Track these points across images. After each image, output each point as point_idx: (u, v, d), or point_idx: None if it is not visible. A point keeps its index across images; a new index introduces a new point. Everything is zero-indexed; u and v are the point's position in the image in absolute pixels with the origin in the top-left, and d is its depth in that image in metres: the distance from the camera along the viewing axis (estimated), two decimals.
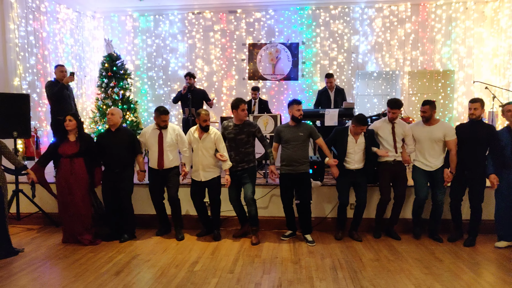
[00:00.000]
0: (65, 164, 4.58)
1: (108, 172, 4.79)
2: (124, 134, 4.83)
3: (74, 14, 8.31)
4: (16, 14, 6.66)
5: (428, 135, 4.64)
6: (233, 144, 4.71)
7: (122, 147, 4.73)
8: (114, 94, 7.85)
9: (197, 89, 7.24)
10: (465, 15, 8.24)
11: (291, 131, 4.65)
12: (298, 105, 4.66)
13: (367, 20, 8.56)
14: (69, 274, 3.80)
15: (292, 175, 4.64)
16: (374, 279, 3.66)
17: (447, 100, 8.54)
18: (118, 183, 4.72)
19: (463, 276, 3.73)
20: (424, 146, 4.68)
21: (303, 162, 4.63)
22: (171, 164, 4.85)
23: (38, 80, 7.20)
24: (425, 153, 4.69)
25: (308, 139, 4.70)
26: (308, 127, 4.69)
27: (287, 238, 4.89)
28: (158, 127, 4.85)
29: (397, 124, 4.75)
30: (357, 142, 4.66)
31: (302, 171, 4.64)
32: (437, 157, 4.66)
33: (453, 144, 4.57)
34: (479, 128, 4.52)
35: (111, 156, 4.72)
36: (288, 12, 8.71)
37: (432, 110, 4.62)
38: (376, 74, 9.06)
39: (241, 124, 4.69)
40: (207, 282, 3.61)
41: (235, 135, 4.67)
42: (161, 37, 9.06)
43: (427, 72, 8.56)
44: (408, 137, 4.77)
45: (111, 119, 4.75)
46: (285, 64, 8.79)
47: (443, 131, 4.59)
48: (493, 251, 4.42)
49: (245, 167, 4.69)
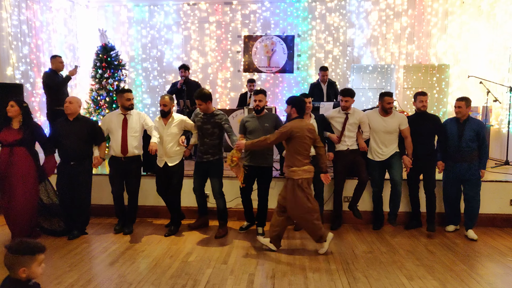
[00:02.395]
0: (4, 153, 4.22)
1: (63, 164, 4.51)
2: (83, 124, 4.53)
3: (67, 4, 8.21)
4: (8, 2, 6.57)
5: (384, 126, 4.75)
6: (200, 133, 4.64)
7: (79, 138, 4.45)
8: (108, 85, 7.79)
9: (192, 81, 7.22)
10: (461, 10, 8.25)
11: (256, 122, 4.59)
12: (256, 95, 4.60)
13: (363, 13, 8.54)
14: (64, 264, 3.80)
15: (253, 167, 4.56)
16: (367, 270, 3.70)
17: (442, 95, 8.58)
18: (74, 177, 4.47)
19: (455, 268, 3.78)
20: (380, 136, 4.79)
21: (267, 155, 4.58)
22: (135, 151, 4.67)
23: (32, 70, 7.13)
24: (379, 143, 4.79)
25: (274, 130, 4.48)
26: (273, 118, 4.64)
27: (244, 231, 4.86)
28: (123, 112, 4.69)
29: (351, 114, 4.78)
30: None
31: (264, 164, 4.58)
32: (390, 146, 4.78)
33: (407, 131, 4.73)
34: (426, 119, 4.75)
35: (67, 147, 4.44)
36: (284, 4, 8.67)
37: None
38: (371, 68, 9.06)
39: (209, 114, 4.59)
40: (201, 272, 3.63)
41: (202, 124, 4.59)
42: (156, 28, 8.99)
43: (422, 66, 8.58)
44: (364, 124, 4.82)
45: (68, 107, 4.44)
46: (281, 56, 8.76)
47: (398, 121, 4.74)
48: (484, 244, 4.48)
49: (210, 159, 4.59)
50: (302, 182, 3.94)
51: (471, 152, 4.55)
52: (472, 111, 7.45)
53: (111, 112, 4.95)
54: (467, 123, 4.57)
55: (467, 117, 4.60)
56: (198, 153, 4.69)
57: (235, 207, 5.15)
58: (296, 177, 3.94)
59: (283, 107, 4.80)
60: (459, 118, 4.62)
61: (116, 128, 4.65)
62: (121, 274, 3.57)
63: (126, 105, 4.65)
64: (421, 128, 4.71)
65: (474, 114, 7.45)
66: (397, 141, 4.79)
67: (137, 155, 4.75)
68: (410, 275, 3.58)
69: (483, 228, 5.04)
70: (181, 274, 3.58)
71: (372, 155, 4.86)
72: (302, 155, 3.96)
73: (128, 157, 4.66)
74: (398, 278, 3.52)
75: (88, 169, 4.61)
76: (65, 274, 3.57)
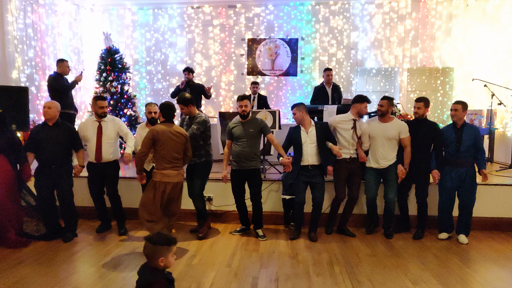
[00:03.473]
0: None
1: (43, 169, 4.45)
2: (62, 129, 4.50)
3: (72, 7, 8.26)
4: (14, 6, 6.62)
5: (383, 132, 4.67)
6: None
7: (59, 143, 4.43)
8: (112, 88, 7.82)
9: (195, 84, 7.24)
10: (465, 12, 8.23)
11: (242, 128, 4.61)
12: (241, 100, 4.57)
13: (367, 16, 8.54)
14: (68, 266, 3.81)
15: (241, 171, 4.61)
16: (371, 274, 3.68)
17: (446, 98, 8.55)
18: (56, 180, 4.45)
19: (460, 272, 3.76)
20: (378, 143, 4.70)
21: (252, 158, 4.58)
22: (110, 157, 4.70)
23: (37, 73, 7.17)
24: (378, 150, 4.70)
25: (259, 134, 4.65)
26: (258, 123, 4.63)
27: (238, 233, 4.87)
28: (97, 118, 4.70)
29: (358, 122, 4.74)
30: (309, 133, 4.62)
31: (252, 167, 4.60)
32: (389, 154, 4.68)
33: (408, 141, 4.65)
34: (423, 126, 4.68)
35: (47, 152, 4.38)
36: (287, 7, 8.69)
37: (389, 106, 4.67)
38: (375, 71, 9.05)
39: (193, 118, 4.65)
40: (205, 275, 3.62)
41: (187, 127, 4.63)
42: (160, 31, 9.03)
43: (426, 69, 8.56)
44: (364, 136, 4.76)
45: (47, 112, 4.40)
46: (284, 59, 8.77)
47: (398, 129, 4.64)
48: (489, 248, 4.45)
49: (196, 162, 4.63)
50: (159, 185, 3.98)
51: (470, 157, 4.55)
52: (477, 114, 7.43)
53: (87, 118, 4.97)
54: (465, 128, 4.55)
55: (464, 123, 4.59)
56: None
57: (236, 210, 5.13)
58: (155, 178, 4.02)
59: (287, 110, 4.82)
60: (456, 124, 4.59)
61: (91, 135, 4.67)
62: (124, 277, 3.57)
63: (99, 113, 4.67)
64: (416, 134, 4.67)
65: (478, 117, 7.42)
66: (396, 151, 4.70)
67: (113, 160, 4.77)
68: (415, 279, 3.56)
69: (488, 232, 5.02)
70: (185, 277, 3.58)
71: (371, 163, 4.78)
72: (165, 158, 3.98)
73: (103, 162, 4.68)
74: (403, 282, 3.51)
75: (69, 171, 4.59)
76: (69, 276, 3.58)
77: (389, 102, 4.66)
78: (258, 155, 4.66)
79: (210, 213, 5.40)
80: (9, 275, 3.60)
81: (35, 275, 3.59)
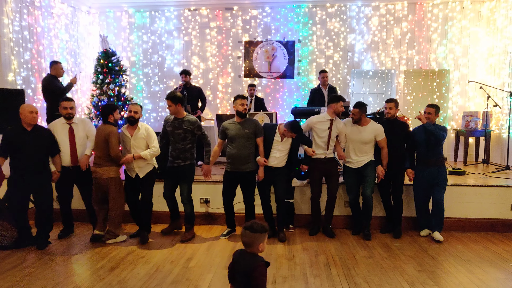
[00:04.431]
0: None
1: (20, 175, 4.23)
2: (40, 133, 4.34)
3: (69, 9, 8.25)
4: (10, 8, 6.60)
5: (359, 136, 4.75)
6: (171, 138, 4.59)
7: (39, 148, 4.29)
8: (109, 91, 7.81)
9: (193, 87, 7.24)
10: (461, 15, 8.28)
11: (237, 128, 4.57)
12: (242, 99, 4.59)
13: (363, 18, 8.57)
14: (65, 269, 3.79)
15: (236, 173, 4.58)
16: (368, 276, 3.69)
17: (442, 100, 8.58)
18: (36, 187, 4.31)
19: (456, 273, 3.77)
20: (355, 145, 4.79)
21: (247, 160, 4.56)
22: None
23: (33, 75, 7.15)
24: (355, 152, 4.80)
25: (254, 136, 4.59)
26: (253, 124, 4.60)
27: (226, 237, 4.83)
28: (66, 120, 4.59)
29: (335, 122, 4.77)
30: (283, 141, 4.59)
31: (248, 169, 4.57)
32: (365, 155, 4.77)
33: (384, 142, 4.75)
34: (394, 126, 4.84)
35: (25, 158, 4.20)
36: (284, 9, 8.71)
37: (361, 114, 4.74)
38: (371, 73, 9.08)
39: (181, 119, 4.55)
40: (202, 278, 3.61)
41: (173, 129, 4.55)
42: (157, 34, 9.02)
43: (422, 72, 8.60)
44: (341, 135, 4.83)
45: (36, 118, 4.28)
46: (281, 62, 8.78)
47: (374, 132, 4.73)
48: (485, 249, 4.46)
49: (181, 164, 4.56)
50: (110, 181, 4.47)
51: (440, 156, 4.74)
52: (473, 116, 7.47)
53: (54, 120, 4.73)
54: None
55: (433, 124, 4.74)
56: (169, 157, 4.64)
57: (236, 212, 5.13)
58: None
59: (284, 112, 4.82)
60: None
61: (63, 138, 4.56)
62: (121, 280, 3.56)
63: (63, 114, 4.57)
64: (388, 134, 4.75)
65: (474, 119, 7.46)
66: (372, 150, 4.79)
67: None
68: (411, 281, 3.57)
69: (484, 233, 5.04)
70: (181, 280, 3.57)
71: (348, 163, 4.87)
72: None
73: (76, 166, 4.61)
74: (400, 284, 3.51)
75: (49, 177, 4.46)
76: (66, 279, 3.56)
77: (360, 111, 4.73)
78: (253, 157, 4.64)
79: (208, 215, 5.40)
80: (5, 278, 3.58)
81: (32, 278, 3.58)
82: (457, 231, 5.13)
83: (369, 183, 4.75)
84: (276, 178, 4.64)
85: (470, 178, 5.70)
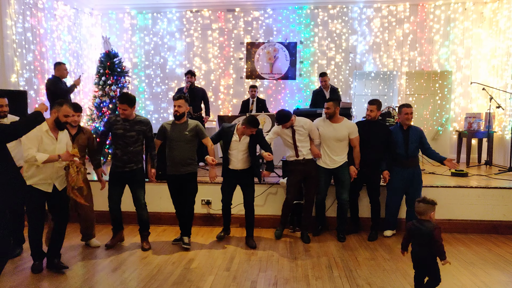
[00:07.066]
0: None
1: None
2: None
3: (71, 11, 8.28)
4: (13, 10, 6.62)
5: (333, 133, 4.69)
6: (121, 142, 4.22)
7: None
8: (111, 92, 7.82)
9: (197, 88, 7.23)
10: (463, 16, 8.26)
11: (177, 129, 4.36)
12: (176, 100, 4.34)
13: (365, 20, 8.57)
14: (66, 270, 3.78)
15: (177, 176, 4.38)
16: (370, 277, 3.67)
17: (445, 101, 8.56)
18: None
19: (459, 276, 3.75)
20: (329, 143, 4.73)
21: (188, 163, 4.36)
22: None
23: (36, 77, 7.17)
24: (329, 150, 4.73)
25: (195, 138, 4.40)
26: (193, 125, 4.38)
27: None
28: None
29: (296, 127, 4.63)
30: (241, 141, 4.45)
31: (189, 171, 4.38)
32: (339, 154, 4.72)
33: (357, 141, 4.73)
34: (376, 127, 4.81)
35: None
36: (286, 11, 8.71)
37: (335, 107, 4.69)
38: (373, 74, 9.07)
39: (132, 120, 4.25)
40: (203, 279, 3.61)
41: (125, 131, 4.21)
42: (159, 35, 9.04)
43: (424, 73, 8.58)
44: (312, 132, 4.71)
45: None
46: (283, 63, 8.79)
47: (348, 130, 4.69)
48: (488, 251, 4.44)
49: (133, 168, 4.29)
50: None
51: (416, 157, 4.77)
52: (475, 117, 7.44)
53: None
54: (410, 130, 4.75)
55: (410, 125, 4.78)
56: (117, 162, 4.26)
57: (236, 213, 5.13)
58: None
59: None
60: (402, 126, 4.77)
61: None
62: (123, 281, 3.56)
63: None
64: (368, 135, 4.74)
65: (477, 120, 7.43)
66: (346, 150, 4.75)
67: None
68: None
69: (487, 235, 5.02)
70: (183, 281, 3.56)
71: (321, 163, 4.79)
72: None
73: None
74: (402, 286, 3.50)
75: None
76: (67, 280, 3.56)
77: (334, 104, 4.70)
78: (194, 159, 4.46)
79: (209, 216, 5.39)
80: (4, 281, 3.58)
81: (35, 279, 3.58)
82: (460, 233, 5.10)
83: (345, 188, 4.73)
84: (242, 182, 4.56)
85: (473, 180, 5.68)
